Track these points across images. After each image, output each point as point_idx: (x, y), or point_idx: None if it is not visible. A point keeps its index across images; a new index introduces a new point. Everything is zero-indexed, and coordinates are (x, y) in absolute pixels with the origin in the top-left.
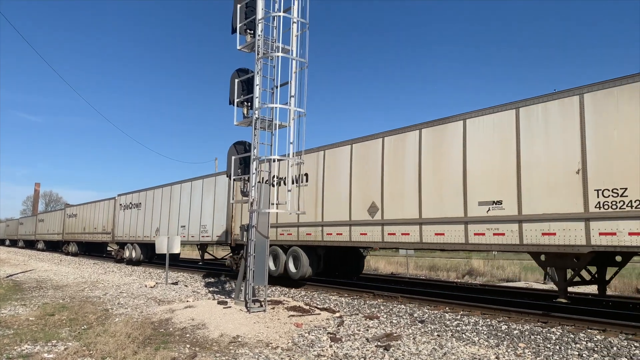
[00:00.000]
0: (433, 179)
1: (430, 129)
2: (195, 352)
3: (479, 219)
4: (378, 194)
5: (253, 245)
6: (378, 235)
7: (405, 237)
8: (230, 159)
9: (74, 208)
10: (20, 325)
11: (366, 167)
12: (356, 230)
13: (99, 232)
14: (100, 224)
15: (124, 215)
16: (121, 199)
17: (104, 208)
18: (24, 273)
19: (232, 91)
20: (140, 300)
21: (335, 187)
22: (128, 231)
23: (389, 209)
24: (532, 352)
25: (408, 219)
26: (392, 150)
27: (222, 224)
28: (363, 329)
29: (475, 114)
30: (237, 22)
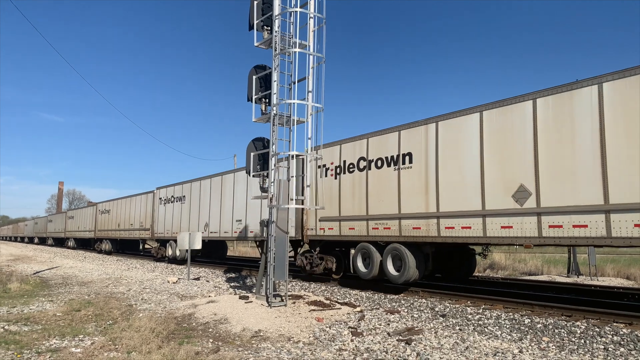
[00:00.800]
0: (627, 147)
1: (623, 80)
2: (218, 347)
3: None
4: (529, 174)
5: (273, 240)
6: (531, 228)
7: (581, 231)
8: (249, 155)
9: (106, 204)
10: (48, 320)
11: (507, 139)
12: (494, 223)
13: (135, 229)
14: (137, 219)
15: (165, 210)
16: (161, 192)
17: (140, 203)
18: (50, 270)
19: (250, 88)
20: (163, 295)
21: (457, 168)
22: (170, 227)
23: (549, 193)
24: (556, 346)
25: (583, 206)
26: (551, 115)
27: (290, 217)
28: (384, 323)
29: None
30: (254, 18)
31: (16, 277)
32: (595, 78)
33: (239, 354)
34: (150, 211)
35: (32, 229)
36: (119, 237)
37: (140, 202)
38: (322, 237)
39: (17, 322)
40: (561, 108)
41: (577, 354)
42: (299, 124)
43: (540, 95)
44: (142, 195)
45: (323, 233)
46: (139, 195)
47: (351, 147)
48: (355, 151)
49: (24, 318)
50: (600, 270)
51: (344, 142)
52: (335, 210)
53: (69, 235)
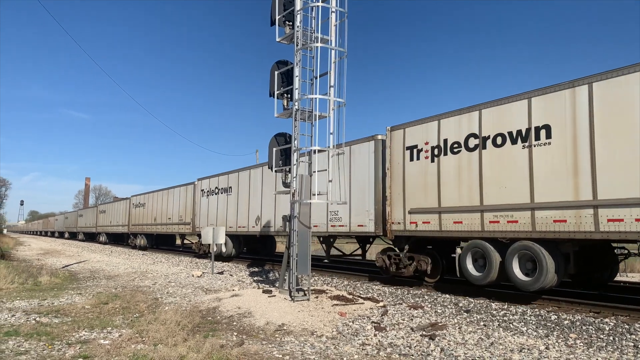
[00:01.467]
0: None
1: None
2: (243, 340)
3: None
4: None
5: (295, 235)
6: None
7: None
8: (272, 150)
9: (141, 197)
10: (77, 313)
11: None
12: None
13: (173, 223)
14: (176, 213)
15: (208, 203)
16: (202, 183)
17: (179, 195)
18: (78, 264)
19: (272, 83)
20: (188, 289)
21: (624, 141)
22: (215, 221)
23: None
24: (584, 342)
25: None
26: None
27: (366, 208)
28: (407, 318)
29: None
30: (276, 14)
31: (46, 270)
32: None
33: (263, 348)
34: (190, 204)
35: (63, 223)
36: (156, 232)
37: (179, 195)
38: (413, 233)
39: (48, 314)
40: None
41: (606, 351)
42: (321, 119)
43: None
44: (180, 187)
45: (415, 228)
46: (178, 188)
47: (455, 123)
48: (461, 127)
49: (54, 310)
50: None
51: (444, 117)
52: (432, 200)
53: (100, 230)
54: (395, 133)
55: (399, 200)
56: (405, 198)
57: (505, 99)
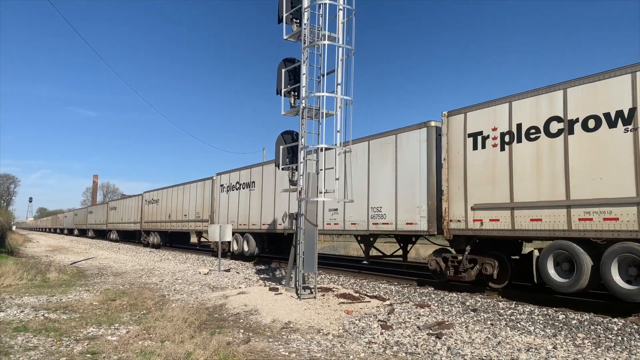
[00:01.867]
0: None
1: None
2: (249, 337)
3: None
4: None
5: (302, 233)
6: None
7: None
8: (279, 148)
9: (154, 193)
10: (85, 309)
11: None
12: None
13: (189, 220)
14: (192, 209)
15: (229, 198)
16: (222, 178)
17: (196, 191)
18: (86, 260)
19: (279, 81)
20: (195, 286)
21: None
22: (236, 218)
23: None
24: (592, 342)
25: None
26: None
27: (416, 204)
28: (414, 317)
29: None
30: (283, 11)
31: (54, 267)
32: None
33: (270, 345)
34: (208, 200)
35: (72, 220)
36: (170, 230)
37: (195, 191)
38: (477, 232)
39: (56, 311)
40: None
41: (614, 351)
42: (328, 116)
43: None
44: (197, 183)
45: (479, 227)
46: (194, 183)
47: (532, 104)
48: (539, 109)
49: (62, 306)
50: None
51: (516, 98)
52: (501, 194)
53: (111, 227)
54: (453, 119)
55: (458, 195)
56: (466, 192)
57: (598, 75)
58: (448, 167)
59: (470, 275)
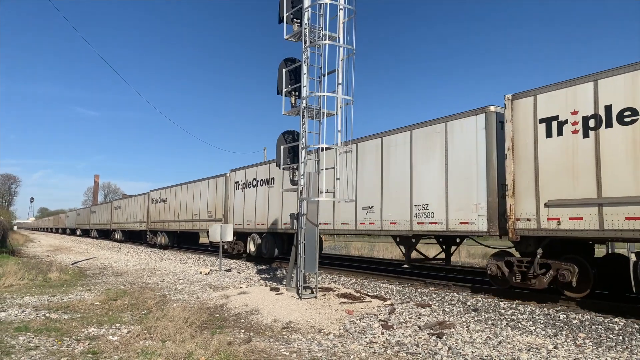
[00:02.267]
0: None
1: None
2: (250, 337)
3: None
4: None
5: (303, 233)
6: None
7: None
8: (280, 148)
9: (161, 191)
10: (87, 309)
11: None
12: None
13: (201, 220)
14: (204, 208)
15: (245, 196)
16: (237, 174)
17: (208, 189)
18: (87, 260)
19: (280, 81)
20: (196, 286)
21: None
22: (253, 217)
23: None
24: (593, 342)
25: None
26: None
27: (473, 201)
28: (415, 316)
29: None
30: (283, 11)
31: (56, 267)
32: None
33: (271, 345)
34: (222, 198)
35: (75, 220)
36: (179, 230)
37: (207, 188)
38: (553, 233)
39: (57, 310)
40: None
41: (615, 351)
42: (329, 116)
43: None
44: (209, 180)
45: (556, 226)
46: (206, 180)
47: (625, 83)
48: (635, 87)
49: (63, 306)
50: None
51: (604, 76)
52: (586, 188)
53: (115, 227)
54: (520, 102)
55: (528, 189)
56: (538, 187)
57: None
58: (514, 157)
59: (542, 282)
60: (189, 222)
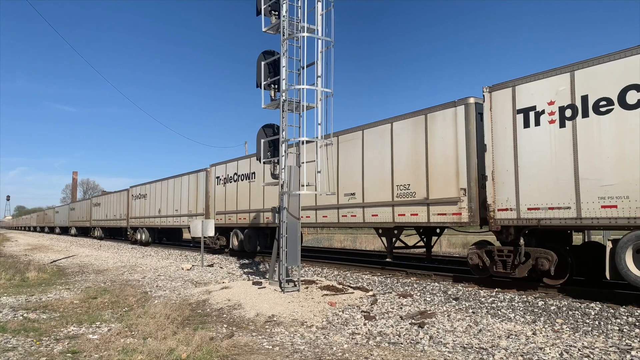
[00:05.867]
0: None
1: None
2: (233, 332)
3: None
4: None
5: (285, 226)
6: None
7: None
8: (260, 142)
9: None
10: (66, 308)
11: None
12: None
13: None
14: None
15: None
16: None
17: (189, 184)
18: (66, 258)
19: (259, 74)
20: (178, 282)
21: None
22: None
23: None
24: (570, 327)
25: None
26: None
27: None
28: (397, 307)
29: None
30: (261, 3)
31: (34, 266)
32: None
33: (253, 339)
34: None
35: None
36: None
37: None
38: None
39: (35, 310)
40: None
41: (591, 335)
42: (308, 109)
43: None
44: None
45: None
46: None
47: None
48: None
49: (42, 306)
50: None
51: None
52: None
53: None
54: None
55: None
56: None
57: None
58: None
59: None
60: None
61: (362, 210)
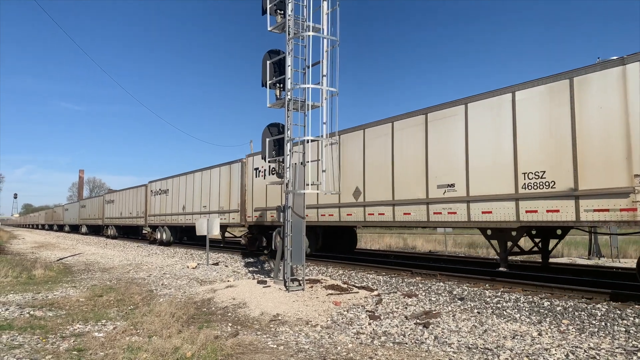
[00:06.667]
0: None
1: None
2: (237, 331)
3: None
4: None
5: (289, 225)
6: None
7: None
8: (265, 141)
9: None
10: (72, 306)
11: None
12: None
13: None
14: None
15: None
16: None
17: (220, 178)
18: (73, 256)
19: (264, 73)
20: (183, 281)
21: None
22: None
23: None
24: (576, 328)
25: None
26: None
27: None
28: (402, 307)
29: None
30: (267, 2)
31: (40, 263)
32: None
33: (258, 338)
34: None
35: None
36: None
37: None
38: None
39: (42, 308)
40: None
41: (598, 336)
42: (313, 108)
43: None
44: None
45: None
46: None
47: None
48: None
49: (48, 304)
50: (622, 252)
51: None
52: None
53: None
54: None
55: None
56: None
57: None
58: None
59: None
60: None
61: (465, 205)
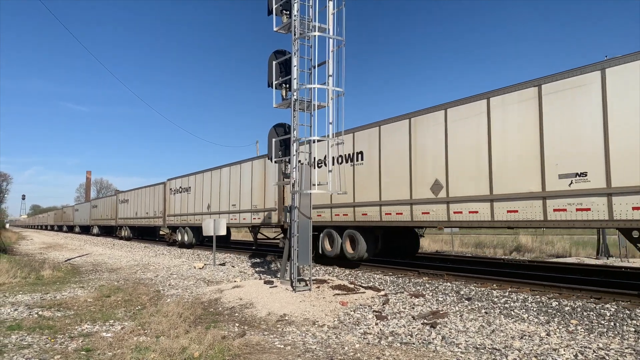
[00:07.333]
0: None
1: None
2: (244, 331)
3: None
4: None
5: (296, 225)
6: None
7: None
8: (271, 141)
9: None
10: (80, 306)
11: None
12: None
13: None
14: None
15: None
16: None
17: (252, 172)
18: (80, 257)
19: (270, 73)
20: (190, 281)
21: None
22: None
23: None
24: (584, 328)
25: None
26: None
27: None
28: (409, 307)
29: None
30: (272, 3)
31: (48, 264)
32: None
33: (265, 338)
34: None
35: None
36: None
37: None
38: None
39: (50, 308)
40: None
41: (607, 336)
42: (320, 108)
43: None
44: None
45: None
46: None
47: None
48: None
49: (56, 304)
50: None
51: None
52: None
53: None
54: None
55: None
56: None
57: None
58: None
59: None
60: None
61: (605, 200)
